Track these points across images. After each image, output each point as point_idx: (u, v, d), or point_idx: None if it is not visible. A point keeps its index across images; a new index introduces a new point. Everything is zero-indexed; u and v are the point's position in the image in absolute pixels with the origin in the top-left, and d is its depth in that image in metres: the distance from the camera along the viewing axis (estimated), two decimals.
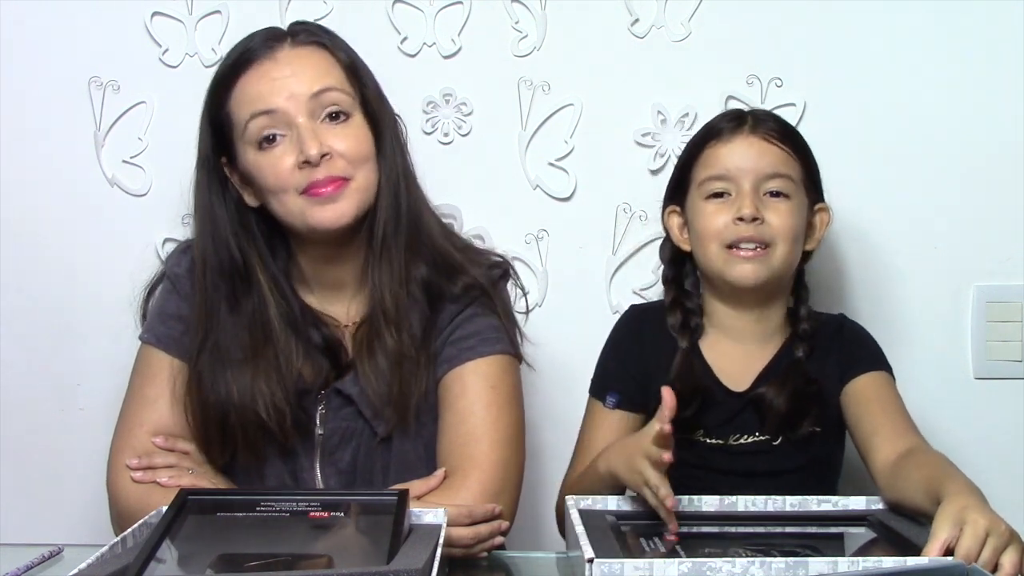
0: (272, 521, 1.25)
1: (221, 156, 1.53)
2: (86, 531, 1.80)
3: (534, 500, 1.79)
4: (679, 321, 1.65)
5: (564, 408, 1.82)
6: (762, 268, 1.58)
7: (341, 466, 1.54)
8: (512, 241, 1.86)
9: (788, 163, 1.60)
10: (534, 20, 1.87)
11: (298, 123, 1.47)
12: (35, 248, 1.92)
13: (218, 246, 1.53)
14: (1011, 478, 1.83)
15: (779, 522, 1.39)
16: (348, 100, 1.51)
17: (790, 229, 1.58)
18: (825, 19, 1.85)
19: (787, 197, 1.59)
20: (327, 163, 1.47)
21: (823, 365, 1.62)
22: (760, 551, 1.28)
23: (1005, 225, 1.84)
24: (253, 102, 1.49)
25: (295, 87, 1.48)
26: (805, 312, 1.65)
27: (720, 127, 1.62)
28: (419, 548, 1.19)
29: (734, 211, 1.57)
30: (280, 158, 1.48)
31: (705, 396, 1.60)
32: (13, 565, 1.31)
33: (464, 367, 1.52)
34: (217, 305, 1.53)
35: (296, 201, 1.49)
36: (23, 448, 1.92)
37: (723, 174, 1.59)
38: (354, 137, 1.50)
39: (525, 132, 1.88)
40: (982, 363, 1.86)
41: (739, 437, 1.60)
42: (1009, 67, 1.83)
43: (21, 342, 1.93)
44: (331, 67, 1.51)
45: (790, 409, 1.58)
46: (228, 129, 1.51)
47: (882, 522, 1.37)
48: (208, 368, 1.52)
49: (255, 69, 1.50)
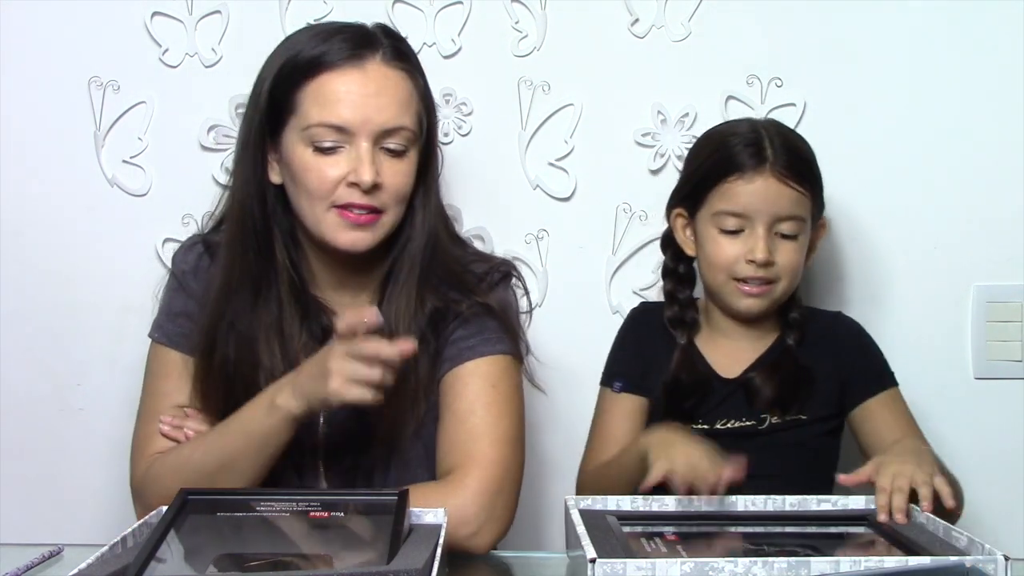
0: (272, 521, 1.25)
1: (275, 125, 1.50)
2: (86, 531, 1.80)
3: (534, 500, 1.79)
4: (676, 316, 1.71)
5: (564, 407, 1.83)
6: (765, 302, 1.65)
7: (344, 464, 1.54)
8: (512, 241, 1.87)
9: (801, 203, 1.63)
10: (534, 20, 1.87)
11: (361, 145, 1.46)
12: (35, 248, 1.92)
13: (245, 216, 1.52)
14: (1011, 478, 1.84)
15: (779, 522, 1.39)
16: (412, 137, 1.50)
17: (795, 266, 1.65)
18: (825, 19, 1.85)
19: (795, 238, 1.64)
20: (375, 192, 1.47)
21: (817, 356, 1.67)
22: (759, 551, 1.28)
23: (1005, 225, 1.84)
24: (327, 110, 1.46)
25: (374, 115, 1.46)
26: (796, 300, 1.70)
27: (742, 162, 1.63)
28: (419, 548, 1.19)
29: (746, 251, 1.62)
30: (332, 167, 1.47)
31: (705, 388, 1.66)
32: (13, 565, 1.31)
33: (464, 367, 1.52)
34: (245, 265, 1.52)
35: (327, 214, 1.48)
36: (23, 448, 1.92)
37: (740, 212, 1.62)
38: (404, 174, 1.50)
39: (525, 132, 1.88)
40: (982, 363, 1.86)
41: (726, 422, 1.65)
42: (1009, 67, 1.83)
43: (21, 342, 1.93)
44: (410, 102, 1.50)
45: (779, 393, 1.64)
46: (288, 112, 1.49)
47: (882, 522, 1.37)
48: (225, 328, 1.52)
49: (340, 73, 1.47)
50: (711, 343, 1.70)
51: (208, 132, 1.89)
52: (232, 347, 1.52)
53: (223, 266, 1.54)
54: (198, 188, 1.88)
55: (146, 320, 1.65)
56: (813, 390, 1.65)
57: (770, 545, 1.31)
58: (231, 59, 1.88)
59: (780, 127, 1.70)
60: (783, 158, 1.62)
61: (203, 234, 1.64)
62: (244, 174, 1.53)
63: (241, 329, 1.52)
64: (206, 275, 1.57)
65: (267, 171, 1.52)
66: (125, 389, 1.85)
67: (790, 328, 1.69)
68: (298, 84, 1.48)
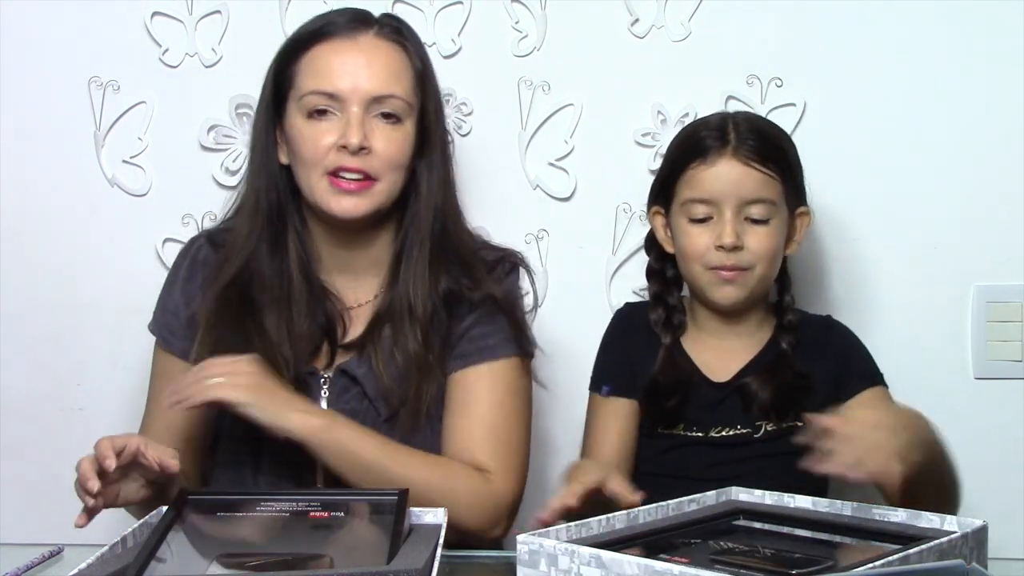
0: (272, 521, 1.25)
1: (281, 104, 1.56)
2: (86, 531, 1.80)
3: (535, 499, 1.79)
4: (661, 318, 1.69)
5: (564, 407, 1.83)
6: (742, 290, 1.62)
7: None
8: (512, 241, 1.85)
9: (769, 186, 1.61)
10: (534, 20, 1.87)
11: (351, 110, 1.50)
12: (35, 248, 1.92)
13: (269, 192, 1.56)
14: (1011, 478, 1.83)
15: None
16: (406, 108, 1.53)
17: (769, 252, 1.62)
18: (825, 19, 1.85)
19: (767, 222, 1.61)
20: (363, 156, 1.50)
21: (812, 361, 1.65)
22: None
23: (1005, 225, 1.84)
24: (319, 77, 1.51)
25: (363, 82, 1.51)
26: (789, 300, 1.68)
27: (706, 145, 1.62)
28: (419, 548, 1.19)
29: (715, 237, 1.60)
30: (324, 133, 1.51)
31: (688, 388, 1.64)
32: (13, 565, 1.31)
33: (478, 368, 1.55)
34: (256, 249, 1.55)
35: (321, 180, 1.52)
36: (23, 448, 1.92)
37: (705, 199, 1.61)
38: (397, 142, 1.53)
39: (525, 132, 1.88)
40: (982, 363, 1.86)
41: (720, 430, 1.63)
42: (1009, 66, 1.82)
43: (21, 342, 1.93)
44: (403, 72, 1.54)
45: (776, 401, 1.61)
46: (287, 88, 1.54)
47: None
48: (235, 304, 1.54)
49: (333, 44, 1.53)
50: (699, 343, 1.68)
51: (208, 132, 1.89)
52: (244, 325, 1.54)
53: (235, 257, 1.56)
54: (198, 188, 1.89)
55: (146, 320, 1.65)
56: (811, 397, 1.61)
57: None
58: (231, 59, 1.88)
59: (751, 115, 1.71)
60: (747, 141, 1.61)
61: (207, 231, 1.66)
62: (258, 160, 1.58)
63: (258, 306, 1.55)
64: (209, 267, 1.59)
65: (278, 154, 1.56)
66: (125, 389, 1.86)
67: (785, 331, 1.66)
68: (296, 58, 1.54)
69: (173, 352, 1.59)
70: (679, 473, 1.61)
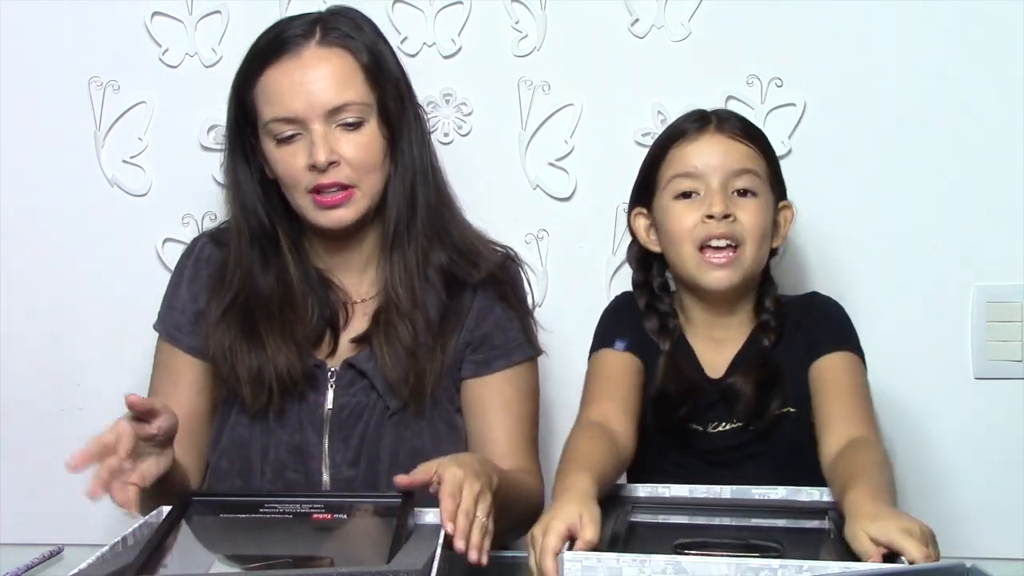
0: (275, 523, 1.25)
1: (247, 128, 1.59)
2: (86, 531, 1.80)
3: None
4: (656, 326, 1.65)
5: (564, 407, 1.82)
6: (735, 273, 1.58)
7: (349, 442, 1.55)
8: (512, 241, 1.85)
9: (754, 159, 1.61)
10: (534, 20, 1.87)
11: (313, 128, 1.52)
12: (35, 248, 1.92)
13: (248, 214, 1.60)
14: (1011, 478, 1.83)
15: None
16: (364, 108, 1.55)
17: (759, 227, 1.59)
18: (825, 19, 1.84)
19: (755, 195, 1.60)
20: (334, 169, 1.53)
21: (790, 346, 1.62)
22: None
23: (1005, 225, 1.84)
24: (274, 105, 1.54)
25: (313, 98, 1.52)
26: (770, 303, 1.65)
27: (685, 127, 1.63)
28: (420, 548, 1.20)
29: (704, 209, 1.57)
30: (294, 155, 1.54)
31: (692, 391, 1.61)
32: (13, 565, 1.31)
33: (493, 378, 1.59)
34: (250, 268, 1.59)
35: (304, 198, 1.55)
36: (23, 448, 1.92)
37: (691, 172, 1.59)
38: (365, 146, 1.54)
39: (525, 132, 1.88)
40: (982, 363, 1.86)
41: (716, 425, 1.62)
42: (1009, 66, 1.82)
43: (21, 342, 1.93)
44: (352, 76, 1.54)
45: (755, 396, 1.59)
46: (253, 115, 1.57)
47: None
48: (236, 324, 1.56)
49: (280, 66, 1.54)
50: (694, 338, 1.65)
51: (208, 132, 1.89)
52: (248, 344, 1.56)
53: (232, 280, 1.59)
54: (198, 188, 1.89)
55: (146, 320, 1.66)
56: (790, 384, 1.59)
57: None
58: (231, 59, 1.86)
59: (729, 110, 1.71)
60: (727, 121, 1.62)
61: (210, 231, 1.68)
62: (232, 188, 1.62)
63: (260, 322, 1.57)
64: (213, 265, 1.62)
65: (254, 173, 1.60)
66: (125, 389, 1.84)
67: (764, 330, 1.63)
68: (252, 85, 1.57)
69: (179, 347, 1.61)
70: (684, 465, 1.61)
